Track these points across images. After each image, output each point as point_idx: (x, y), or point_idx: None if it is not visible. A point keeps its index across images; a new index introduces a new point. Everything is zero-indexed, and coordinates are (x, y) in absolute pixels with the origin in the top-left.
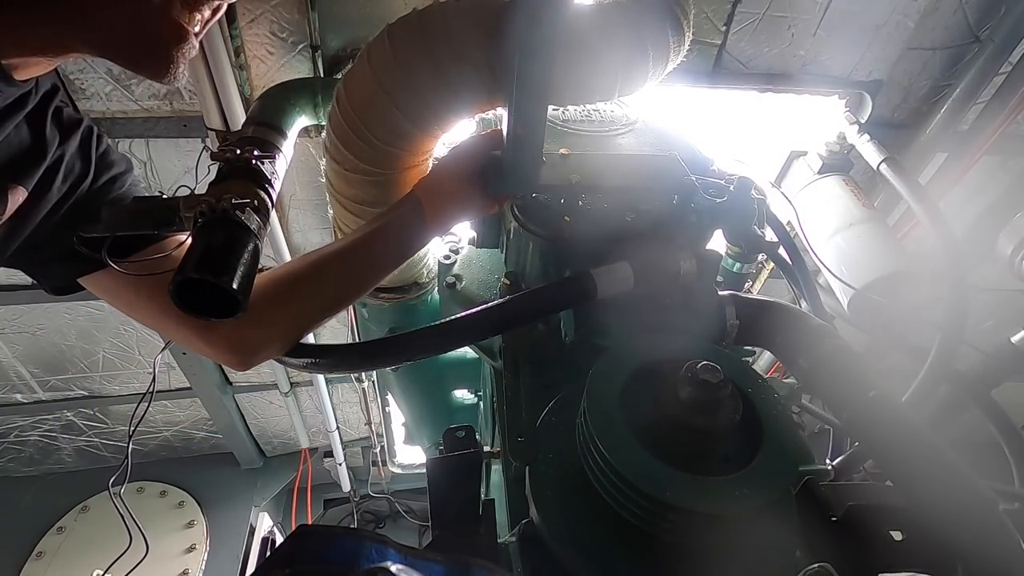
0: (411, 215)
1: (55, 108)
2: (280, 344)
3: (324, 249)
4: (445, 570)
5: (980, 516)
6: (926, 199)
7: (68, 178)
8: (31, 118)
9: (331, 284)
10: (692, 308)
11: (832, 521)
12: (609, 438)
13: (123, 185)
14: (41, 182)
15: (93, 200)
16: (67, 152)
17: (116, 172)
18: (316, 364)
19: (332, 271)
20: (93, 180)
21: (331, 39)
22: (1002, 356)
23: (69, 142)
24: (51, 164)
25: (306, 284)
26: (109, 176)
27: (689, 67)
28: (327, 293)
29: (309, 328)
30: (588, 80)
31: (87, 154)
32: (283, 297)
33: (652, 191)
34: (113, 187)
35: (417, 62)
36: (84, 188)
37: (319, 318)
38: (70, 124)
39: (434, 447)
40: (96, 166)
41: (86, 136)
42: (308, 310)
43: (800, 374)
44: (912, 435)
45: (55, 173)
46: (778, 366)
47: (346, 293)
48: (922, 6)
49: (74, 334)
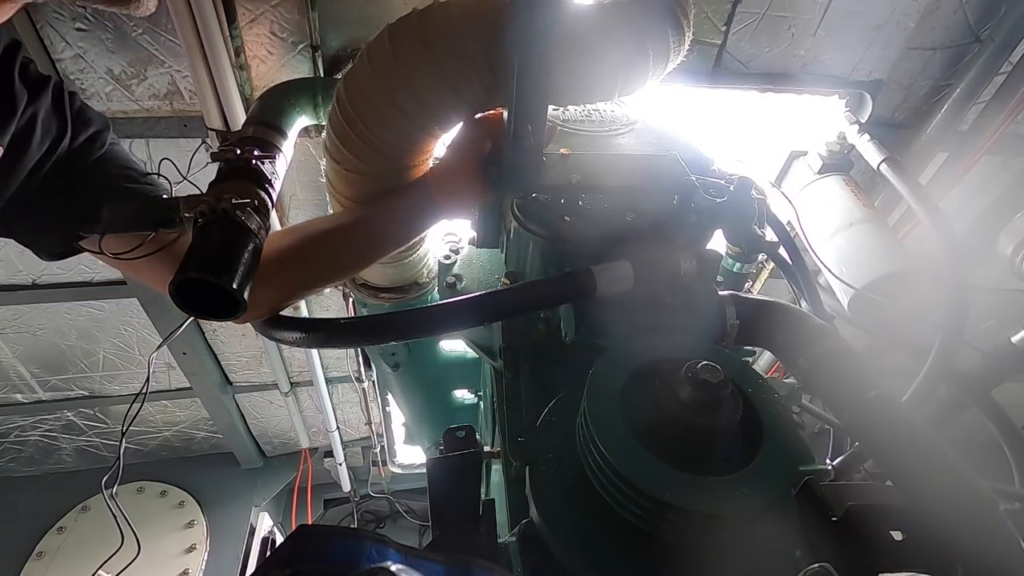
0: (421, 202)
1: (21, 63)
2: (273, 306)
3: (324, 222)
4: (445, 570)
5: (980, 516)
6: (926, 199)
7: (46, 137)
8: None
9: (330, 258)
10: (692, 308)
11: (832, 521)
12: (609, 438)
13: (103, 144)
14: (18, 141)
15: (75, 160)
16: (40, 110)
17: (95, 129)
18: (306, 338)
19: (333, 246)
20: (72, 138)
21: (331, 39)
22: (1002, 356)
23: (41, 99)
24: (26, 123)
25: (305, 256)
26: (88, 134)
27: (689, 67)
28: (329, 264)
29: (304, 295)
30: (588, 80)
31: (62, 112)
32: (288, 262)
33: (652, 191)
34: (94, 146)
35: (417, 62)
36: (64, 147)
37: (316, 287)
38: (39, 81)
39: (434, 447)
40: (73, 124)
41: (57, 93)
42: (308, 278)
43: (800, 374)
44: (912, 435)
45: (31, 132)
46: (778, 366)
47: (342, 269)
48: (922, 6)
49: (74, 334)
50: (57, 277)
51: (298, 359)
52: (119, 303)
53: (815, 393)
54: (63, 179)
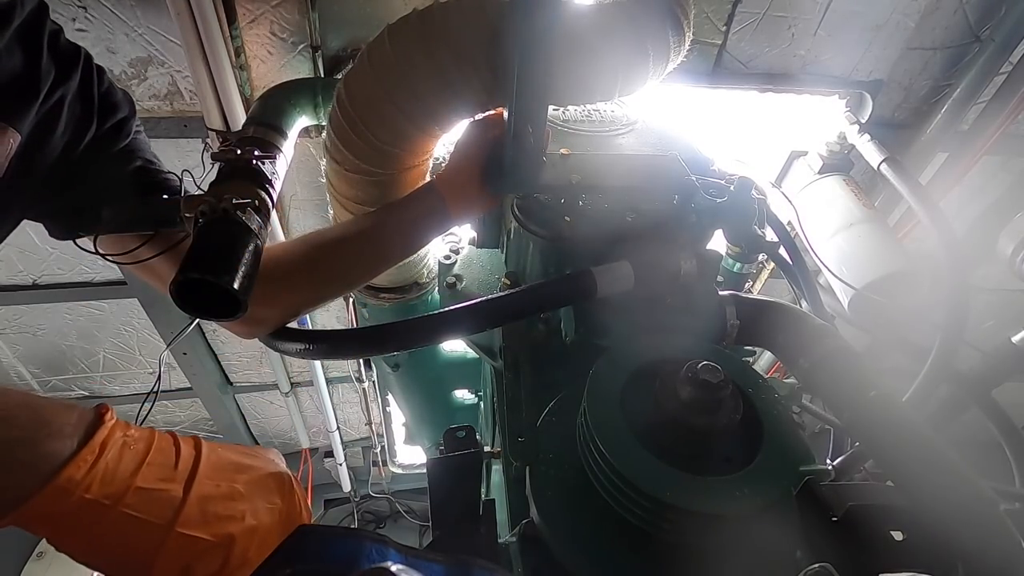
0: (433, 209)
1: (51, 32)
2: (283, 319)
3: (333, 232)
4: (445, 570)
5: (980, 516)
6: (927, 199)
7: (70, 124)
8: (22, 38)
9: (341, 270)
10: (692, 308)
11: (832, 521)
12: (609, 438)
13: (129, 132)
14: (41, 129)
15: (100, 148)
16: (68, 93)
17: (121, 116)
18: (311, 350)
19: (344, 258)
20: (98, 124)
21: (331, 39)
22: (1002, 356)
23: (70, 80)
24: (52, 107)
25: (316, 269)
26: (115, 121)
27: (689, 67)
28: (336, 279)
29: (313, 308)
30: (588, 80)
31: (89, 94)
32: (291, 279)
33: (652, 191)
34: (120, 135)
35: (417, 62)
36: (90, 135)
37: (325, 301)
38: (69, 55)
39: (434, 447)
40: (100, 108)
41: (87, 72)
42: (313, 293)
43: (800, 374)
44: (913, 435)
45: (56, 119)
46: (778, 366)
47: (353, 280)
48: (922, 6)
49: (75, 334)
50: (57, 277)
51: (298, 359)
52: (119, 303)
53: (815, 393)
54: (83, 170)
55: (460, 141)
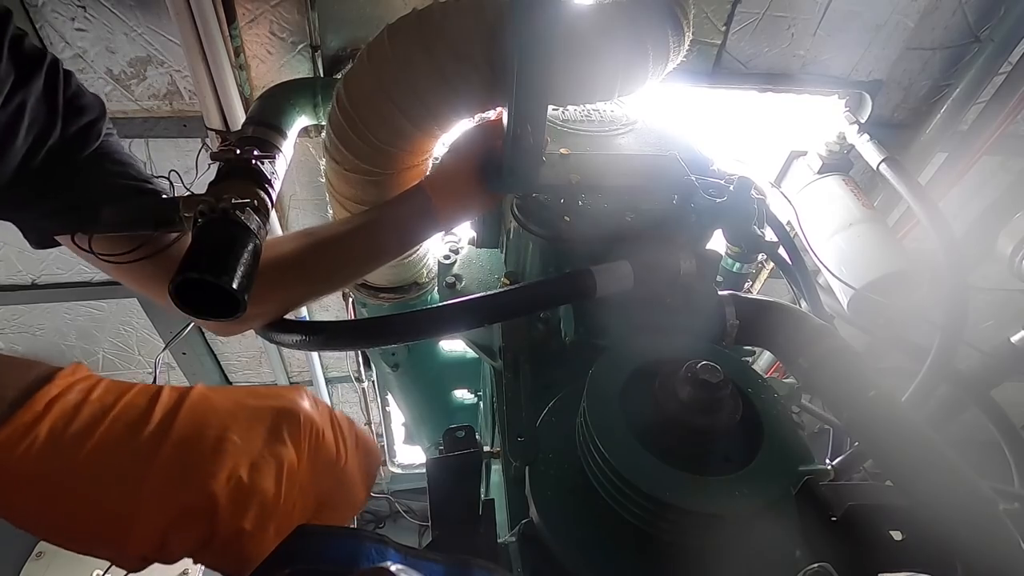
0: (420, 210)
1: (12, 37)
2: (267, 319)
3: (324, 231)
4: (445, 570)
5: (980, 516)
6: (926, 199)
7: (32, 129)
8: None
9: (330, 269)
10: (692, 308)
11: (832, 521)
12: (609, 438)
13: (98, 134)
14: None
15: (67, 153)
16: (30, 97)
17: (89, 119)
18: (307, 341)
19: (333, 257)
20: (63, 129)
21: (331, 39)
22: (1002, 356)
23: (32, 84)
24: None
25: (305, 267)
26: (82, 124)
27: (689, 67)
28: (325, 278)
29: (301, 305)
30: (588, 80)
31: (53, 99)
32: (280, 278)
33: (652, 191)
34: (89, 136)
35: (417, 62)
36: (54, 140)
37: (317, 296)
38: (32, 59)
39: (434, 447)
40: (64, 113)
41: (51, 75)
42: (301, 292)
43: (800, 374)
44: (912, 435)
45: (17, 123)
46: (778, 366)
47: (342, 280)
48: (922, 6)
49: (74, 334)
50: (57, 277)
51: (298, 359)
52: (119, 303)
53: (815, 393)
54: (53, 175)
55: (456, 143)
